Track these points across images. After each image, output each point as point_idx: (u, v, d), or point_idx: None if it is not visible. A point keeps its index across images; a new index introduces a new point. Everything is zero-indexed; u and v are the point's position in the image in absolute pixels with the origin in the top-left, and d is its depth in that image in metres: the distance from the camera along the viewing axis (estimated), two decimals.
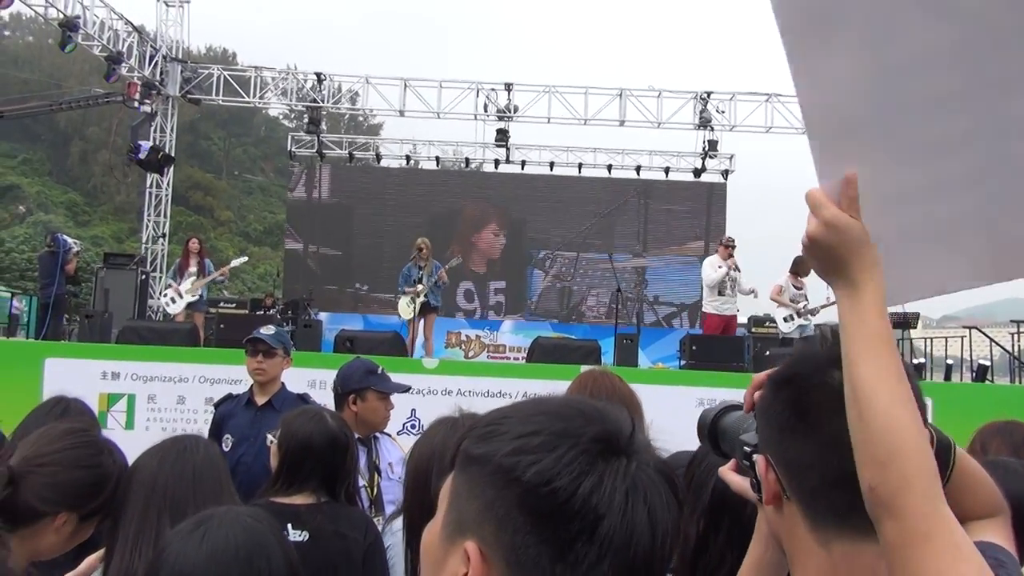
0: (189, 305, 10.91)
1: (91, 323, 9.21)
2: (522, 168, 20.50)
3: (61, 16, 14.23)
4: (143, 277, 13.04)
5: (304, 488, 2.51)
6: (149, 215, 18.41)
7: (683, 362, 8.52)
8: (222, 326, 9.32)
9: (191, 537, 1.42)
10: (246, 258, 12.49)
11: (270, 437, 2.73)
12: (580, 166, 20.60)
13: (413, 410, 7.02)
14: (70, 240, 11.50)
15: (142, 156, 16.09)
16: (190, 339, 8.19)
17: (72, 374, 7.22)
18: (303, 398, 4.17)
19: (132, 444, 3.09)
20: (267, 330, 4.17)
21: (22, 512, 1.53)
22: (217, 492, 1.84)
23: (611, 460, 0.83)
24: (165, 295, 10.98)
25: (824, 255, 1.05)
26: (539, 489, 0.81)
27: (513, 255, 19.67)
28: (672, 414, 1.96)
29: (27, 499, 1.75)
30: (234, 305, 15.39)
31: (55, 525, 1.79)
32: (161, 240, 17.43)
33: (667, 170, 20.28)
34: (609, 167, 20.49)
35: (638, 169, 20.50)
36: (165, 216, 18.51)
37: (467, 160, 21.20)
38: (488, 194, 20.00)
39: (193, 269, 11.01)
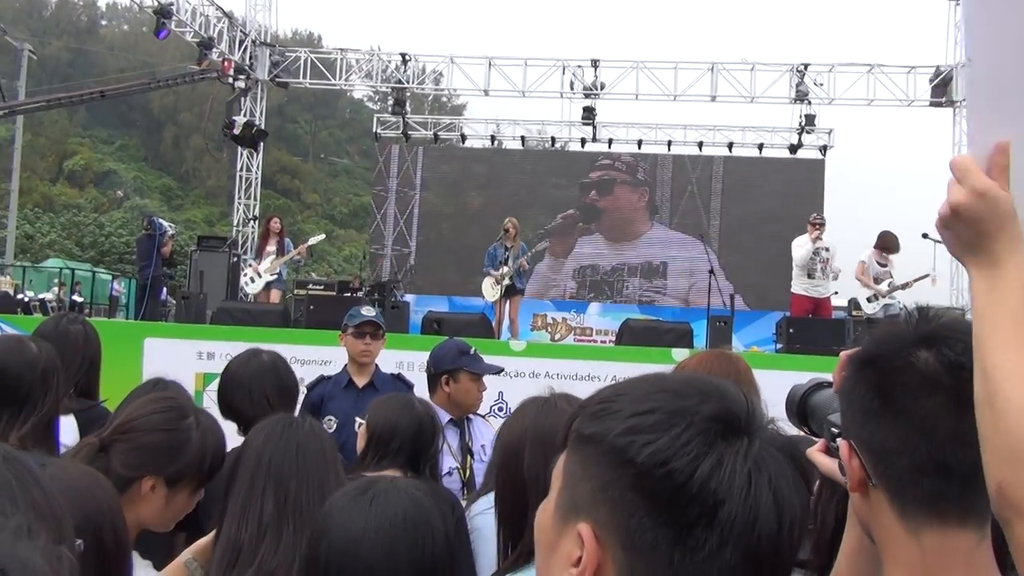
0: (268, 284, 11.19)
1: (187, 304, 9.60)
2: (609, 147, 20.33)
3: (155, 3, 14.79)
4: (234, 259, 13.49)
5: (391, 466, 2.57)
6: (239, 198, 19.02)
7: (779, 345, 8.30)
8: (312, 307, 9.59)
9: (358, 502, 1.44)
10: (323, 235, 12.68)
11: (359, 421, 2.81)
12: (669, 143, 20.29)
13: (501, 393, 7.07)
14: (165, 223, 12.01)
15: (237, 131, 16.46)
16: (282, 320, 8.46)
17: (170, 354, 7.55)
18: (400, 378, 4.26)
19: (228, 423, 3.23)
20: (368, 311, 4.26)
21: (115, 480, 1.62)
22: (322, 468, 1.90)
23: (731, 440, 0.80)
24: (244, 274, 11.37)
25: (967, 227, 0.98)
26: (654, 471, 0.78)
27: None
28: (768, 400, 1.92)
29: (115, 467, 1.83)
30: (323, 287, 15.82)
31: (143, 491, 1.86)
32: (251, 223, 17.98)
33: (760, 146, 19.79)
34: (700, 144, 20.12)
35: (730, 146, 20.06)
36: (255, 199, 19.09)
37: (552, 139, 21.14)
38: (575, 173, 19.95)
39: (272, 248, 11.28)
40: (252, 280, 11.19)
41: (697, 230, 17.59)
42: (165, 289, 14.46)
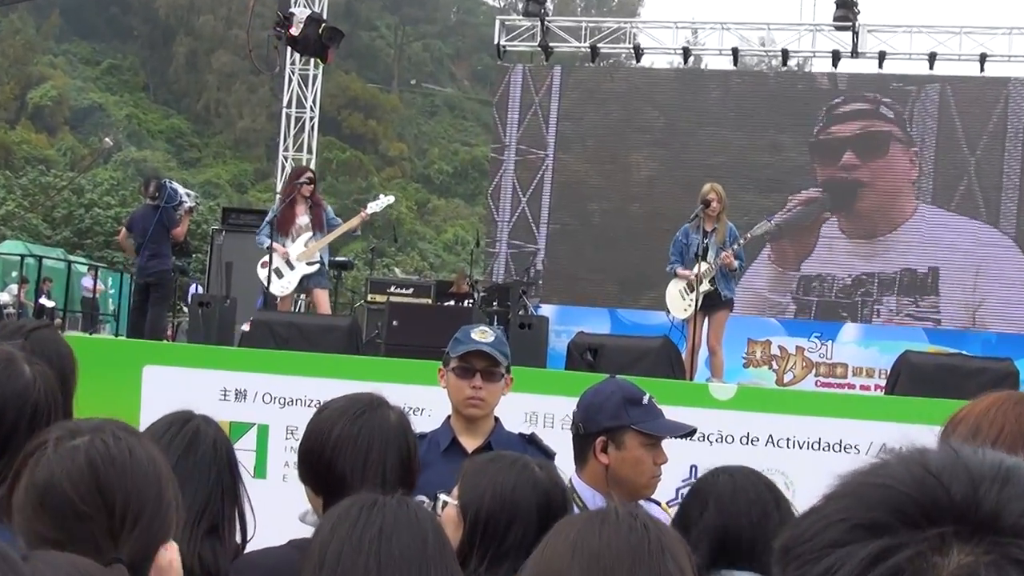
0: (305, 279, 11.24)
1: (206, 314, 10.04)
2: (880, 65, 19.90)
3: None
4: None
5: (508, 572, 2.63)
6: (286, 148, 19.76)
7: None
8: (395, 323, 9.83)
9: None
10: (391, 198, 12.56)
11: (443, 498, 2.88)
12: (983, 58, 19.59)
13: (693, 467, 7.04)
14: (181, 189, 12.46)
15: (295, 31, 16.68)
16: (348, 342, 8.70)
17: (180, 390, 7.88)
18: (532, 441, 4.32)
19: (265, 498, 3.35)
20: (483, 334, 4.34)
21: None
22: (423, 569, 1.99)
23: None
24: (263, 266, 11.28)
25: None
26: None
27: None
28: None
29: None
30: (411, 290, 16.20)
31: None
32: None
33: None
34: None
35: None
36: (309, 150, 19.80)
37: (784, 54, 20.89)
38: (819, 118, 19.63)
39: (305, 220, 11.31)
40: (278, 274, 11.23)
41: (996, 215, 17.04)
42: (192, 288, 15.12)
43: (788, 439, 7.18)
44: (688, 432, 3.89)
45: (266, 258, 11.25)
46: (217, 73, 65.97)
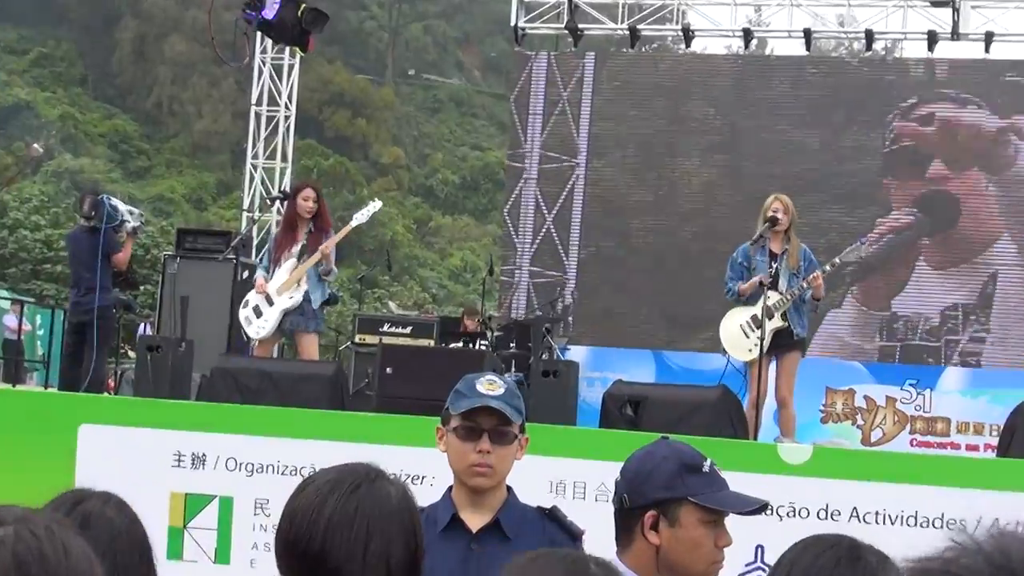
0: (286, 318, 11.24)
1: (156, 361, 10.05)
2: (986, 49, 19.90)
3: None
4: (245, 275, 14.02)
5: None
6: (256, 156, 19.81)
7: None
8: (388, 369, 9.81)
9: None
10: (379, 203, 12.58)
11: None
12: None
13: (759, 548, 7.02)
14: (122, 206, 12.51)
15: (269, 13, 16.77)
16: (330, 393, 8.70)
17: (123, 454, 7.90)
18: (552, 515, 4.30)
19: None
20: (491, 386, 4.32)
21: None
22: None
23: None
24: (246, 303, 11.43)
25: None
26: None
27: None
28: None
29: None
30: (408, 330, 16.21)
31: None
32: (276, 203, 18.63)
33: None
34: None
35: None
36: (283, 157, 19.83)
37: (868, 36, 20.90)
38: (912, 109, 19.62)
39: (298, 247, 11.38)
40: (258, 312, 11.33)
41: None
42: (140, 329, 15.10)
43: (877, 512, 7.16)
44: (758, 507, 3.86)
45: (249, 295, 11.40)
46: (171, 64, 66.31)
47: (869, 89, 20.09)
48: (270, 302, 11.27)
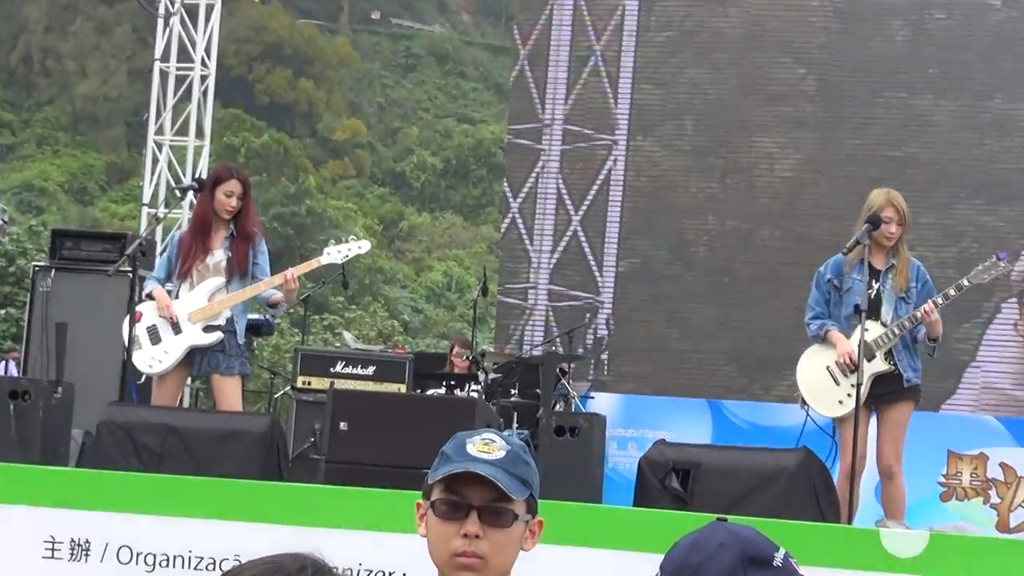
0: (199, 354, 11.37)
1: (22, 413, 10.07)
2: None
3: None
4: (146, 294, 14.08)
5: None
6: (161, 130, 19.88)
7: None
8: (344, 426, 9.87)
9: None
10: (367, 245, 12.48)
11: None
12: None
13: None
14: None
15: None
16: (265, 458, 8.77)
17: None
18: None
19: None
20: (487, 447, 4.34)
21: None
22: None
23: None
24: (137, 319, 11.33)
25: None
26: None
27: None
28: None
29: None
30: (370, 370, 16.26)
31: None
32: (189, 193, 18.71)
33: None
34: None
35: None
36: (198, 132, 19.91)
37: None
38: None
39: (219, 258, 11.51)
40: (154, 336, 11.42)
41: None
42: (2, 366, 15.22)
43: None
44: None
45: (141, 308, 11.41)
46: (46, 5, 66.48)
47: (1017, 40, 20.18)
48: (176, 329, 11.34)
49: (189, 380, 12.78)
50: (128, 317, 11.28)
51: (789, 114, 19.88)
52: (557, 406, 13.19)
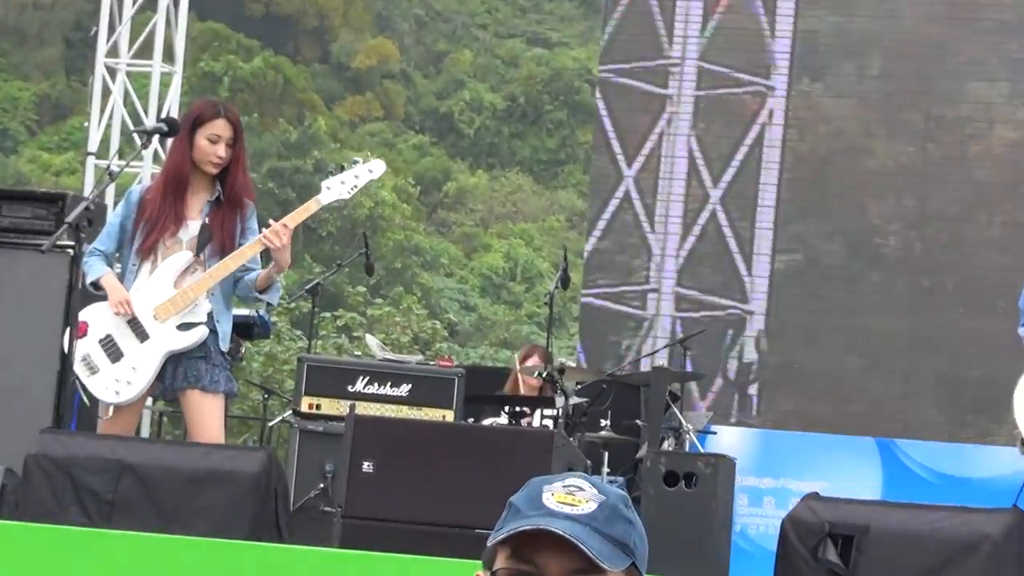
0: (172, 365, 11.37)
1: None
2: None
3: None
4: (83, 282, 14.19)
5: None
6: (116, 52, 20.10)
7: None
8: (367, 467, 9.95)
9: None
10: (381, 165, 12.43)
11: None
12: None
13: None
14: None
15: None
16: (257, 509, 8.85)
17: None
18: None
19: None
20: (570, 498, 4.33)
21: None
22: None
23: None
24: (82, 334, 11.31)
25: None
26: None
27: None
28: None
29: None
30: (405, 389, 16.32)
31: None
32: (158, 139, 18.85)
33: None
34: None
35: None
36: (167, 55, 20.12)
37: None
38: None
39: (194, 229, 11.50)
40: (112, 351, 11.42)
41: None
42: None
43: None
44: None
45: (86, 314, 11.43)
46: None
47: None
48: (140, 334, 11.33)
49: (150, 400, 12.69)
50: (68, 330, 11.26)
51: (1016, 52, 19.70)
52: (666, 443, 13.16)
